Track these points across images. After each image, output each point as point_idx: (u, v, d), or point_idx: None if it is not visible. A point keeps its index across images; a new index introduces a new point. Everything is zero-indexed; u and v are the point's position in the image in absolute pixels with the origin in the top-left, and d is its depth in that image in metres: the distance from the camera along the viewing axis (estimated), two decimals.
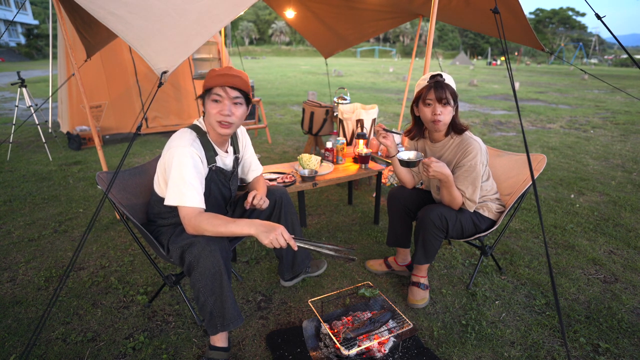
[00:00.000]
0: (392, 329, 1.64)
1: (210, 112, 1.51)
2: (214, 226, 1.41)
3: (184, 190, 1.42)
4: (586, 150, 5.10)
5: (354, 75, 19.33)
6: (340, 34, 4.59)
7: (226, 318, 1.47)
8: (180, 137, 1.50)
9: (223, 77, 1.47)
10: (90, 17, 2.46)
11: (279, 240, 1.37)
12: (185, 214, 1.43)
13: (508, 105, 9.67)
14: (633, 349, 1.66)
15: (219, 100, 1.50)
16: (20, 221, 2.81)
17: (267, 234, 1.37)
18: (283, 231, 1.39)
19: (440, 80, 1.71)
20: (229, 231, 1.40)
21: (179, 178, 1.43)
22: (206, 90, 1.52)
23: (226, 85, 1.48)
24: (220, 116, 1.50)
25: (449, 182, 1.74)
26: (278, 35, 67.01)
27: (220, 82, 1.47)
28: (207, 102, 1.53)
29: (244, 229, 1.40)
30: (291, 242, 1.39)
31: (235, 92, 1.51)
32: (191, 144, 1.48)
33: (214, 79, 1.48)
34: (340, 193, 3.49)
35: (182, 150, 1.45)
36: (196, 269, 1.41)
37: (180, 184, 1.42)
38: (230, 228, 1.40)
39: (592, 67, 37.77)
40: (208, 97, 1.51)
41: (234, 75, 1.48)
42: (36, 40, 31.85)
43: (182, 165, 1.43)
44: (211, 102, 1.51)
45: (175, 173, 1.43)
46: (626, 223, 2.88)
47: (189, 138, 1.50)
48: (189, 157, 1.45)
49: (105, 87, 5.13)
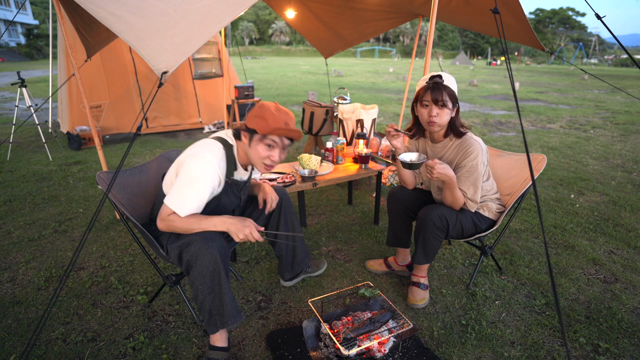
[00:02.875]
0: (392, 329, 1.64)
1: (260, 154, 1.50)
2: (187, 224, 1.44)
3: (187, 202, 1.44)
4: (586, 150, 5.10)
5: (354, 75, 19.33)
6: (340, 34, 4.59)
7: (225, 315, 1.48)
8: (210, 151, 1.48)
9: (285, 131, 1.46)
10: (90, 17, 2.46)
11: (249, 238, 1.44)
12: (165, 213, 1.45)
13: (508, 105, 9.67)
14: (633, 349, 1.66)
15: (272, 146, 1.50)
16: (21, 221, 2.81)
17: (238, 232, 1.43)
18: (252, 229, 1.45)
19: (439, 82, 1.70)
20: (201, 228, 1.44)
21: (190, 188, 1.43)
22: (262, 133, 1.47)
23: (284, 136, 1.49)
24: (269, 161, 1.52)
25: (452, 184, 1.74)
26: (278, 35, 67.01)
27: (281, 134, 1.47)
28: (258, 142, 1.49)
29: (217, 226, 1.45)
30: (260, 238, 1.47)
31: (289, 140, 1.53)
32: (217, 164, 1.48)
33: (276, 130, 1.45)
34: (340, 193, 3.49)
35: (208, 168, 1.45)
36: (194, 268, 1.42)
37: (188, 193, 1.43)
38: (203, 226, 1.44)
39: (592, 67, 37.76)
40: (260, 139, 1.49)
41: (294, 130, 1.47)
42: (36, 40, 31.82)
43: (200, 178, 1.44)
44: (263, 144, 1.49)
45: (188, 181, 1.43)
46: (626, 223, 2.88)
47: (218, 155, 1.50)
48: (209, 177, 1.46)
49: (105, 87, 5.13)
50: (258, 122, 1.47)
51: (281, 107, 1.52)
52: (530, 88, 14.21)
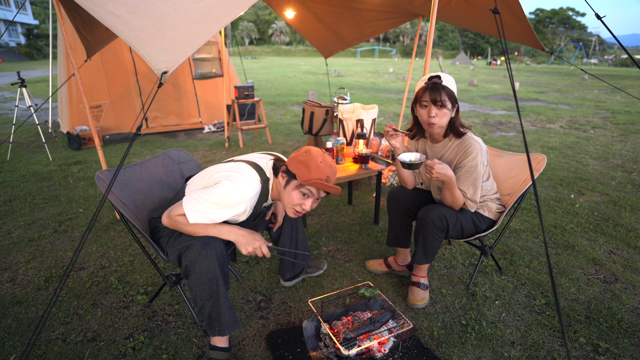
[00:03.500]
0: (392, 329, 1.64)
1: (293, 200, 1.49)
2: (194, 228, 1.43)
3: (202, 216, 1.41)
4: (586, 150, 5.10)
5: (354, 75, 19.33)
6: (340, 34, 4.59)
7: (222, 323, 1.48)
8: (250, 184, 1.46)
9: (325, 186, 1.44)
10: (90, 17, 2.46)
11: (257, 252, 1.45)
12: (175, 212, 1.44)
13: (508, 105, 9.66)
14: (633, 349, 1.66)
15: (307, 196, 1.49)
16: (21, 221, 2.81)
17: (246, 245, 1.43)
18: (262, 244, 1.45)
19: (437, 82, 1.69)
20: (208, 234, 1.43)
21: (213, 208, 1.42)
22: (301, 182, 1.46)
23: (323, 190, 1.48)
24: (300, 209, 1.51)
25: (451, 184, 1.74)
26: (278, 35, 67.00)
27: (319, 187, 1.45)
28: (293, 186, 1.48)
29: (225, 234, 1.44)
30: (267, 254, 1.47)
31: (325, 194, 1.53)
32: (251, 199, 1.47)
33: (316, 183, 1.43)
34: (340, 193, 3.49)
35: (240, 199, 1.43)
36: (193, 274, 1.42)
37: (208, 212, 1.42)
38: (210, 231, 1.44)
39: (592, 67, 37.75)
40: (298, 186, 1.48)
41: (334, 187, 1.45)
42: (36, 40, 31.82)
43: (227, 207, 1.43)
44: (299, 192, 1.48)
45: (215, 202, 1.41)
46: (626, 223, 2.88)
47: (254, 190, 1.48)
48: (236, 209, 1.44)
49: (105, 87, 5.13)
50: (300, 168, 1.45)
51: (328, 158, 1.49)
52: (530, 88, 14.21)
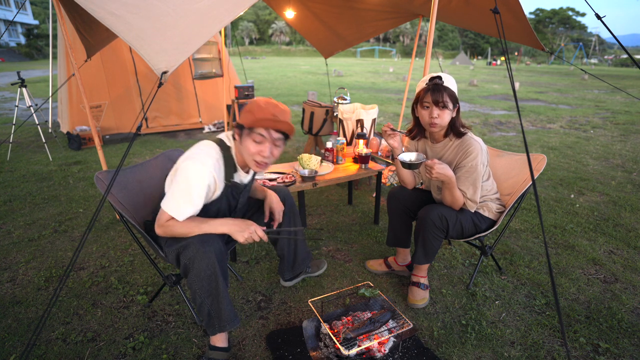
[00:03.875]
0: (392, 329, 1.64)
1: (249, 150, 1.46)
2: (187, 228, 1.43)
3: (183, 205, 1.42)
4: (586, 150, 5.10)
5: (354, 75, 19.33)
6: (340, 34, 4.59)
7: (222, 319, 1.48)
8: (205, 153, 1.46)
9: (271, 122, 1.41)
10: (90, 17, 2.46)
11: (254, 237, 1.44)
12: (163, 218, 1.43)
13: (508, 105, 9.66)
14: (633, 349, 1.66)
15: (260, 141, 1.45)
16: (21, 221, 2.81)
17: (241, 232, 1.43)
18: (256, 228, 1.45)
19: (439, 83, 1.69)
20: (202, 231, 1.43)
21: (185, 192, 1.41)
22: (248, 126, 1.45)
23: (272, 128, 1.44)
24: (259, 157, 1.47)
25: (451, 184, 1.74)
26: (278, 35, 67.00)
27: (266, 125, 1.42)
28: (246, 137, 1.46)
29: (218, 228, 1.44)
30: (264, 236, 1.47)
31: (279, 134, 1.46)
32: (213, 165, 1.45)
33: (261, 122, 1.41)
34: (340, 193, 3.49)
35: (201, 169, 1.42)
36: (192, 271, 1.41)
37: (184, 197, 1.41)
38: (203, 229, 1.43)
39: (592, 67, 37.75)
40: (249, 134, 1.45)
41: (282, 121, 1.42)
42: (36, 40, 31.83)
43: (195, 182, 1.41)
44: (252, 140, 1.45)
45: (184, 185, 1.41)
46: (626, 223, 2.88)
47: (214, 157, 1.47)
48: (204, 179, 1.43)
49: (105, 87, 5.13)
50: (245, 116, 1.45)
51: (273, 101, 1.47)
52: (530, 88, 14.21)
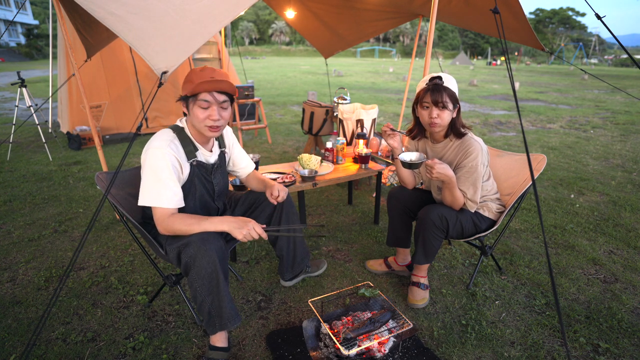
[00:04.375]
0: (392, 329, 1.64)
1: (198, 117, 1.49)
2: (187, 225, 1.43)
3: (162, 191, 1.43)
4: (586, 150, 5.10)
5: (354, 75, 19.33)
6: (340, 34, 4.59)
7: (224, 317, 1.48)
8: (158, 138, 1.49)
9: (211, 84, 1.44)
10: (90, 17, 2.46)
11: (252, 234, 1.44)
12: (159, 215, 1.45)
13: (508, 105, 9.67)
14: (633, 349, 1.66)
15: (207, 106, 1.48)
16: (21, 221, 2.81)
17: (240, 229, 1.43)
18: (255, 225, 1.45)
19: (439, 84, 1.69)
20: (202, 229, 1.43)
21: (155, 179, 1.43)
22: (191, 94, 1.47)
23: (214, 90, 1.46)
24: (210, 121, 1.50)
25: (451, 184, 1.74)
26: (278, 35, 67.00)
27: (207, 88, 1.44)
28: (193, 106, 1.49)
29: (217, 225, 1.44)
30: (263, 234, 1.46)
31: (223, 96, 1.50)
32: (168, 145, 1.47)
33: (201, 85, 1.43)
34: (340, 193, 3.49)
35: (159, 152, 1.44)
36: (193, 269, 1.42)
37: (157, 184, 1.43)
38: (203, 226, 1.43)
39: (592, 67, 37.75)
40: (194, 102, 1.48)
41: (221, 80, 1.45)
42: (36, 40, 31.83)
43: (158, 166, 1.43)
44: (198, 107, 1.48)
45: (150, 173, 1.43)
46: (626, 223, 2.88)
47: (166, 138, 1.49)
48: (165, 159, 1.44)
49: (105, 87, 5.13)
50: (186, 86, 1.47)
51: (210, 67, 1.50)
52: (530, 88, 14.21)
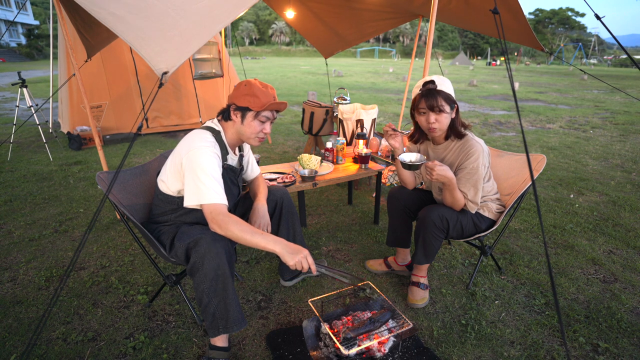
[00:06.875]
0: (392, 328, 1.64)
1: (255, 129, 1.59)
2: (241, 231, 1.40)
3: (218, 189, 1.46)
4: (586, 151, 5.10)
5: (354, 75, 19.33)
6: (340, 34, 4.60)
7: (229, 320, 1.47)
8: (202, 139, 1.53)
9: (278, 105, 1.59)
10: (90, 18, 2.47)
11: (303, 263, 1.39)
12: (218, 212, 1.43)
13: (508, 105, 9.67)
14: (632, 348, 1.66)
15: (264, 121, 1.60)
16: (21, 221, 2.82)
17: (292, 255, 1.38)
18: (308, 256, 1.41)
19: (432, 88, 1.69)
20: (254, 241, 1.39)
21: (209, 177, 1.45)
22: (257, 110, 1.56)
23: (276, 110, 1.62)
24: (262, 134, 1.63)
25: (452, 185, 1.74)
26: (278, 35, 66.99)
27: (275, 108, 1.60)
28: (250, 118, 1.58)
29: (269, 244, 1.39)
30: (313, 266, 1.42)
31: (277, 113, 1.66)
32: (213, 145, 1.53)
33: (271, 105, 1.57)
34: (340, 193, 3.49)
35: (208, 151, 1.49)
36: (200, 270, 1.41)
37: (211, 182, 1.45)
38: (256, 239, 1.39)
39: (592, 67, 37.77)
40: (254, 116, 1.58)
41: (282, 102, 1.61)
42: (37, 40, 31.87)
43: (211, 164, 1.47)
44: (257, 121, 1.59)
45: (202, 172, 1.45)
46: (625, 223, 2.88)
47: (210, 139, 1.55)
48: (215, 157, 1.50)
49: (105, 87, 5.13)
50: (250, 100, 1.55)
51: (263, 82, 1.61)
52: (530, 88, 14.21)
